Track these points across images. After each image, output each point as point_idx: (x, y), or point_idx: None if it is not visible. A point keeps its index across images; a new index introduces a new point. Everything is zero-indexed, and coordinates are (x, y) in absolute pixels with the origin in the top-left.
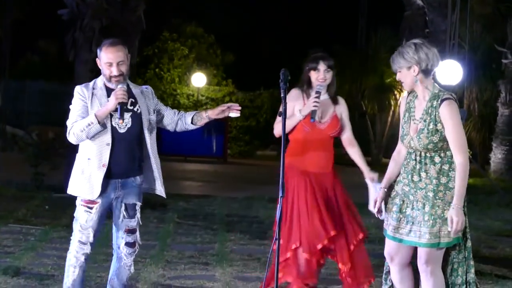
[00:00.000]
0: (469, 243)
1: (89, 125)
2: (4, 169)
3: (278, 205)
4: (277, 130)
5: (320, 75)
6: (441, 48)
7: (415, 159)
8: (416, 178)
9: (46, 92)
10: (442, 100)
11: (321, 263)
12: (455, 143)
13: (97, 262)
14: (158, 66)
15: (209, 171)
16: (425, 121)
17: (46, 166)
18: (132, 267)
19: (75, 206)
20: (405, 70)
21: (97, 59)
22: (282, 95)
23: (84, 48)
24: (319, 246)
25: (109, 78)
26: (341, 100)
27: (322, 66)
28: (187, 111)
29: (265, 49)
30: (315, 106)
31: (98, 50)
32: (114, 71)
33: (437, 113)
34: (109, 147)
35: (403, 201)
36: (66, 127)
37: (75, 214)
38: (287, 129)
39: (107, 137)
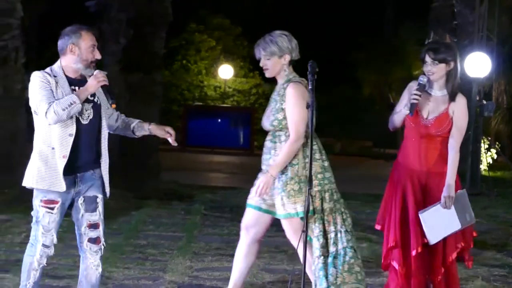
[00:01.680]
0: (331, 217)
1: (71, 104)
2: None
3: (306, 198)
4: (390, 124)
5: (426, 68)
6: (469, 40)
7: (269, 139)
8: (267, 156)
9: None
10: (290, 82)
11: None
12: (290, 120)
13: (125, 254)
14: (185, 57)
15: (236, 163)
16: (275, 100)
17: None
18: (100, 267)
19: (35, 204)
20: (276, 58)
21: (71, 45)
22: (309, 87)
23: (111, 40)
24: (414, 253)
25: (89, 64)
26: (460, 99)
27: (428, 58)
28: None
29: None
30: (414, 99)
31: (73, 37)
32: (98, 54)
33: (284, 93)
34: (72, 138)
35: None
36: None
37: (34, 216)
38: (396, 124)
39: (72, 128)
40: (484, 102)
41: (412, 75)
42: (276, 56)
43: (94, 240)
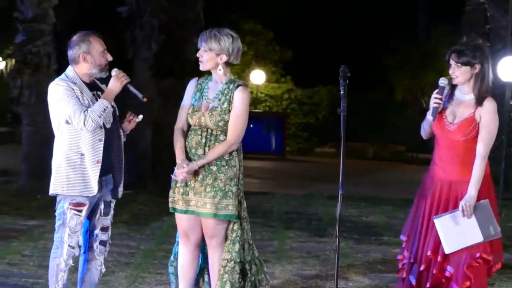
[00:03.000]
0: (245, 225)
1: (104, 110)
2: None
3: (339, 203)
4: (422, 131)
5: (450, 70)
6: (502, 44)
7: (201, 134)
8: (200, 151)
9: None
10: (238, 85)
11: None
12: (234, 123)
13: (157, 259)
14: None
15: (268, 168)
16: (219, 100)
17: None
18: (103, 266)
19: (62, 206)
20: (213, 54)
21: (83, 55)
22: (341, 92)
23: (143, 45)
24: (422, 268)
25: (103, 67)
26: (488, 103)
27: (452, 60)
28: None
29: (324, 45)
30: (435, 103)
31: (83, 46)
32: (109, 56)
33: (232, 94)
34: (102, 143)
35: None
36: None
37: (60, 219)
38: (426, 131)
39: (101, 133)
40: None
41: None
42: (213, 52)
43: (104, 243)
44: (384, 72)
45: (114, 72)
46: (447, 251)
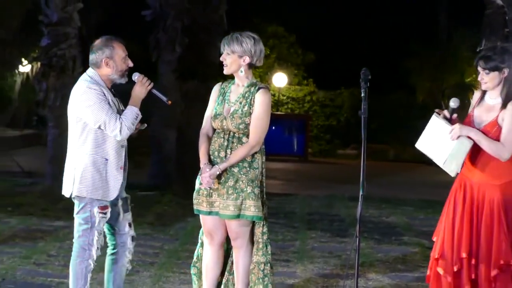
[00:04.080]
0: (265, 229)
1: (136, 117)
2: None
3: (359, 204)
4: None
5: (479, 76)
6: None
7: (223, 137)
8: (222, 154)
9: (128, 92)
10: (259, 88)
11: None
12: (255, 125)
13: (181, 259)
14: None
15: (290, 170)
16: (240, 103)
17: (130, 164)
18: (129, 263)
19: (89, 210)
20: (235, 57)
21: (106, 59)
22: (362, 95)
23: (167, 48)
24: (455, 268)
25: (123, 73)
26: (511, 105)
27: (479, 67)
28: None
29: (346, 48)
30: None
31: (106, 51)
32: (130, 62)
33: (253, 97)
34: (124, 149)
35: None
36: (104, 122)
37: (87, 222)
38: None
39: (124, 139)
40: None
41: (464, 82)
42: (236, 54)
43: (134, 238)
44: (405, 74)
45: (136, 77)
46: (416, 145)
